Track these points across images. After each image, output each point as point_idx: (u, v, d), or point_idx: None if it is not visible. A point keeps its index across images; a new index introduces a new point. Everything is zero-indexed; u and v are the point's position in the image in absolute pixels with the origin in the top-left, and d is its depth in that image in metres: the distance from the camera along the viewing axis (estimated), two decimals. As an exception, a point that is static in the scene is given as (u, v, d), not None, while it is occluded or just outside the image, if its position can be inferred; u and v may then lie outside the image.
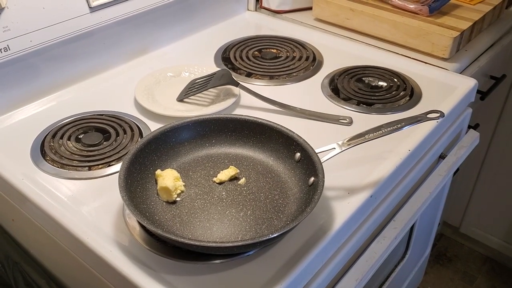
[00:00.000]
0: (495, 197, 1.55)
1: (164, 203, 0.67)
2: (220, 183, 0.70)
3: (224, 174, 0.70)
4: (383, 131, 0.69)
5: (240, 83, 0.90)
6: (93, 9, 0.87)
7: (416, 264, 1.32)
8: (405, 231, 0.84)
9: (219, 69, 0.95)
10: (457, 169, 1.15)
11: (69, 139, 0.79)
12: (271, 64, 1.02)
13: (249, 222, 0.64)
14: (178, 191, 0.67)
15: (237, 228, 0.63)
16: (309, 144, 0.68)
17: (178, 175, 0.69)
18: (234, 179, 0.71)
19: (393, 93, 0.92)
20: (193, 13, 1.11)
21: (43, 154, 0.77)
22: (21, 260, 0.80)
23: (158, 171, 0.69)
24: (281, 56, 1.05)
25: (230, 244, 0.57)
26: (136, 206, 0.61)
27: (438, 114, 0.72)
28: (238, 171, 0.71)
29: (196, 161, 0.73)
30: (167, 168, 0.71)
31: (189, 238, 0.61)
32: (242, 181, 0.70)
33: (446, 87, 0.95)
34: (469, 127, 1.11)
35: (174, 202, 0.67)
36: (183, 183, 0.69)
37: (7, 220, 0.83)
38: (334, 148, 0.68)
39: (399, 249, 1.08)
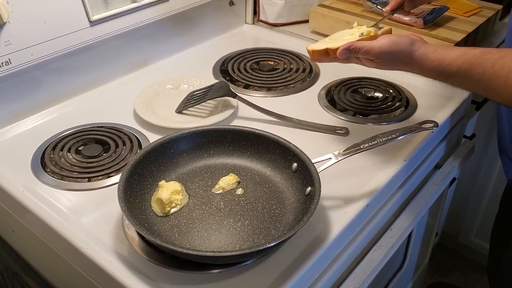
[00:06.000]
0: (494, 207, 1.56)
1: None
2: (221, 190, 0.71)
3: (225, 182, 0.71)
4: (378, 141, 0.70)
5: (238, 94, 0.91)
6: (93, 23, 0.89)
7: (414, 274, 1.33)
8: (401, 240, 0.85)
9: (217, 81, 0.97)
10: (454, 179, 1.16)
11: (69, 151, 0.80)
12: (268, 76, 1.04)
13: (246, 232, 0.65)
14: (173, 205, 0.67)
15: (235, 238, 0.64)
16: (305, 155, 0.69)
17: (180, 188, 0.69)
18: (235, 186, 0.71)
19: (389, 104, 0.94)
20: (192, 27, 1.12)
21: (44, 165, 0.78)
22: (21, 271, 0.81)
23: (162, 182, 0.69)
24: (279, 68, 1.07)
25: (228, 254, 0.58)
26: (135, 217, 0.62)
27: (432, 124, 0.73)
28: (239, 178, 0.72)
29: (195, 172, 0.74)
30: (169, 179, 0.71)
31: (187, 248, 0.61)
32: (239, 191, 0.71)
33: (441, 98, 0.96)
34: (465, 137, 1.13)
35: (167, 215, 0.67)
36: (182, 197, 0.69)
37: (7, 231, 0.84)
38: (330, 158, 0.69)
39: (397, 259, 1.09)
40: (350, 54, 0.68)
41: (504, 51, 0.61)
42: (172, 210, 0.67)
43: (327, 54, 0.73)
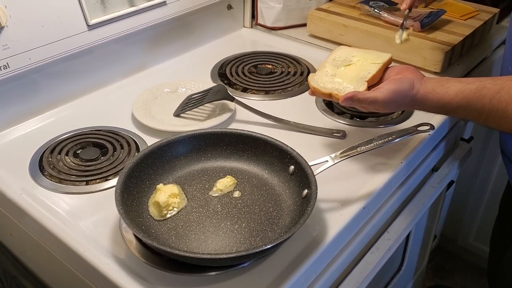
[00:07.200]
0: (492, 209, 1.56)
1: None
2: (218, 193, 0.71)
3: (222, 184, 0.71)
4: (375, 143, 0.70)
5: (236, 98, 0.91)
6: (91, 27, 0.89)
7: (413, 276, 1.33)
8: (398, 243, 0.85)
9: (215, 84, 0.97)
10: (453, 182, 1.16)
11: (67, 154, 0.81)
12: (266, 79, 1.04)
13: (243, 234, 0.65)
14: (170, 208, 0.68)
15: (232, 240, 0.64)
16: (302, 157, 0.69)
17: (178, 191, 0.69)
18: (233, 188, 0.72)
19: (386, 106, 0.94)
20: (190, 30, 1.13)
21: (42, 169, 0.78)
22: (19, 274, 0.81)
23: (160, 185, 0.69)
24: (276, 72, 1.07)
25: (224, 256, 0.58)
26: (132, 220, 0.62)
27: (428, 127, 0.73)
28: (236, 181, 0.72)
29: (192, 175, 0.74)
30: (166, 182, 0.72)
31: (184, 250, 0.62)
32: (237, 193, 0.71)
33: (438, 101, 0.96)
34: (463, 140, 1.13)
35: (164, 218, 0.67)
36: (179, 200, 0.69)
37: (5, 234, 0.84)
38: (327, 160, 0.69)
39: (395, 261, 1.09)
40: (353, 103, 0.71)
41: (498, 83, 0.65)
42: (170, 213, 0.68)
43: (329, 96, 0.75)
